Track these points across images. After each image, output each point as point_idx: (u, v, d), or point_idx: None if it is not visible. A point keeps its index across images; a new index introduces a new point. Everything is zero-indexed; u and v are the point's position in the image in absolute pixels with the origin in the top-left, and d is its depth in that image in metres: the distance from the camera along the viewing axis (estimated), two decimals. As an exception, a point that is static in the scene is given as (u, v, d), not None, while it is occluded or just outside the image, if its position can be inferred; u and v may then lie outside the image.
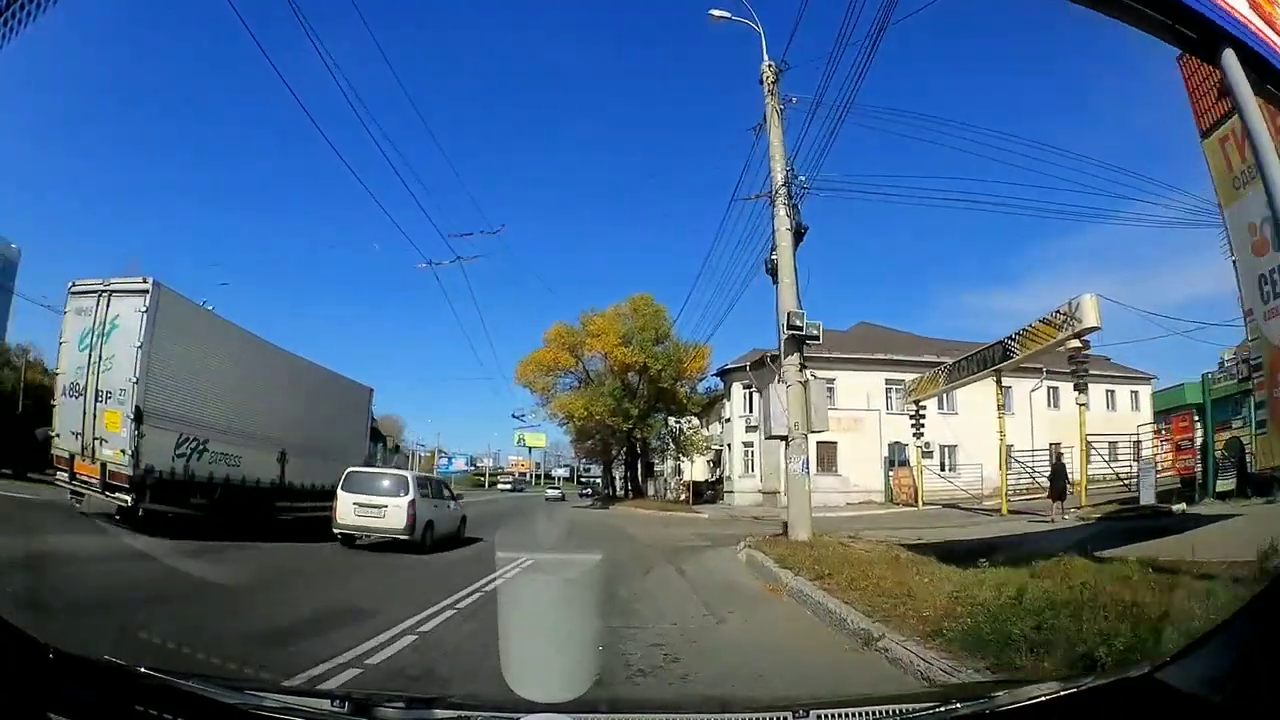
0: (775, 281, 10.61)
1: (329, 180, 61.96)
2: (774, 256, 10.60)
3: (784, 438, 10.34)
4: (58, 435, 8.86)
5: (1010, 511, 16.46)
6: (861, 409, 27.20)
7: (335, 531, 9.79)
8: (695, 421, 34.41)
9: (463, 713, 1.65)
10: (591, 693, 1.76)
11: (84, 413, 8.57)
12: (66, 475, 8.78)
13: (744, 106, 33.97)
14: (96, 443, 8.52)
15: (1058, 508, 14.57)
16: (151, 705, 1.26)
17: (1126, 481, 17.89)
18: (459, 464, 77.72)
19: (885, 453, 26.70)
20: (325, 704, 1.75)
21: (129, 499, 8.38)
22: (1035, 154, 25.96)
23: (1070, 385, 17.39)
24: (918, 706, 1.78)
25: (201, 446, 9.77)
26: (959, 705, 1.69)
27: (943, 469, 26.10)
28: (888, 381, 26.63)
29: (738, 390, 30.42)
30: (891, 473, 25.24)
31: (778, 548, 8.79)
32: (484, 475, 72.35)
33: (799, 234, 10.59)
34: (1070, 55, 51.12)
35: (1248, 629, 1.15)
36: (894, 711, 1.77)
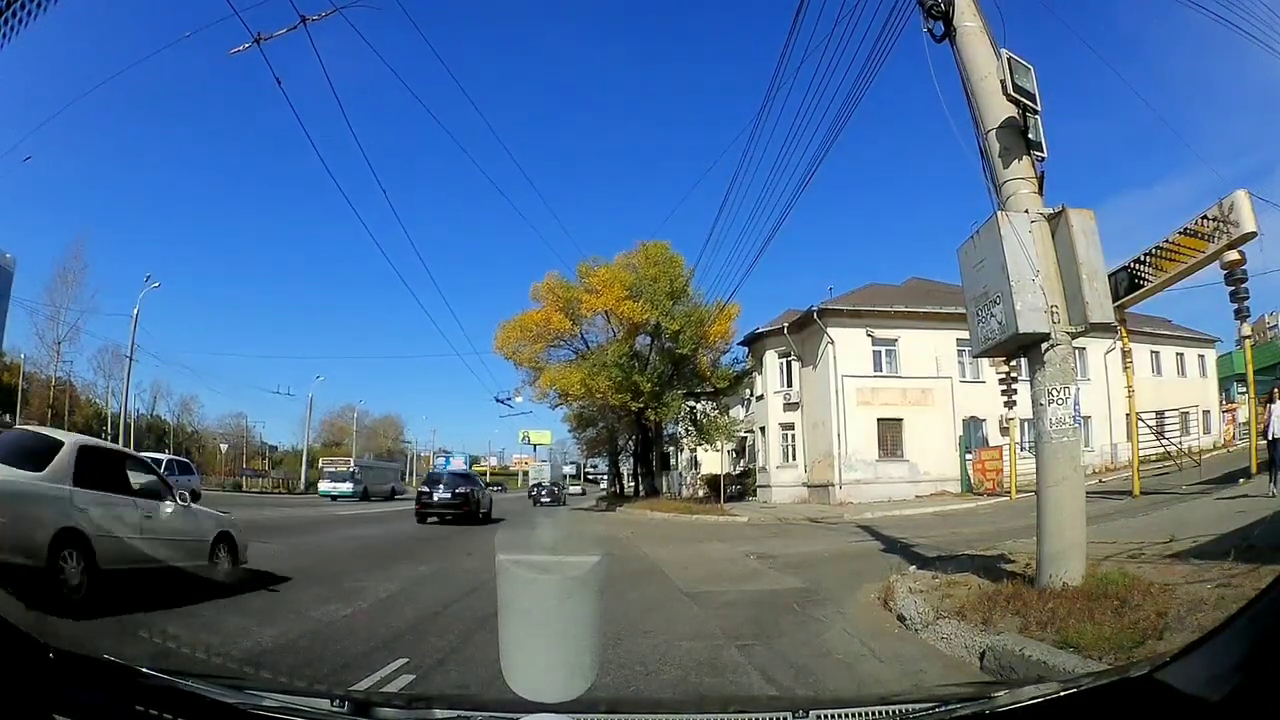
0: (947, 30, 6.66)
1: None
2: None
3: (1030, 345, 6.00)
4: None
5: (1142, 492, 14.89)
6: (930, 376, 24.44)
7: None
8: (716, 402, 31.27)
9: (462, 712, 1.93)
10: (591, 692, 1.82)
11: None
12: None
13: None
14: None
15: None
16: (152, 705, 1.43)
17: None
18: (457, 463, 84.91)
19: (960, 431, 23.88)
20: (325, 704, 1.92)
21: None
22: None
23: (1148, 348, 14.57)
24: (917, 706, 1.92)
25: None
26: (959, 705, 1.82)
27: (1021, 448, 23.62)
28: (959, 343, 23.57)
29: (771, 360, 27.99)
30: (970, 456, 22.59)
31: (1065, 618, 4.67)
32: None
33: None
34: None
35: (1248, 629, 1.23)
36: (894, 711, 1.94)
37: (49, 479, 5.64)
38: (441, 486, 19.80)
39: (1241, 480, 13.86)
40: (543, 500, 38.62)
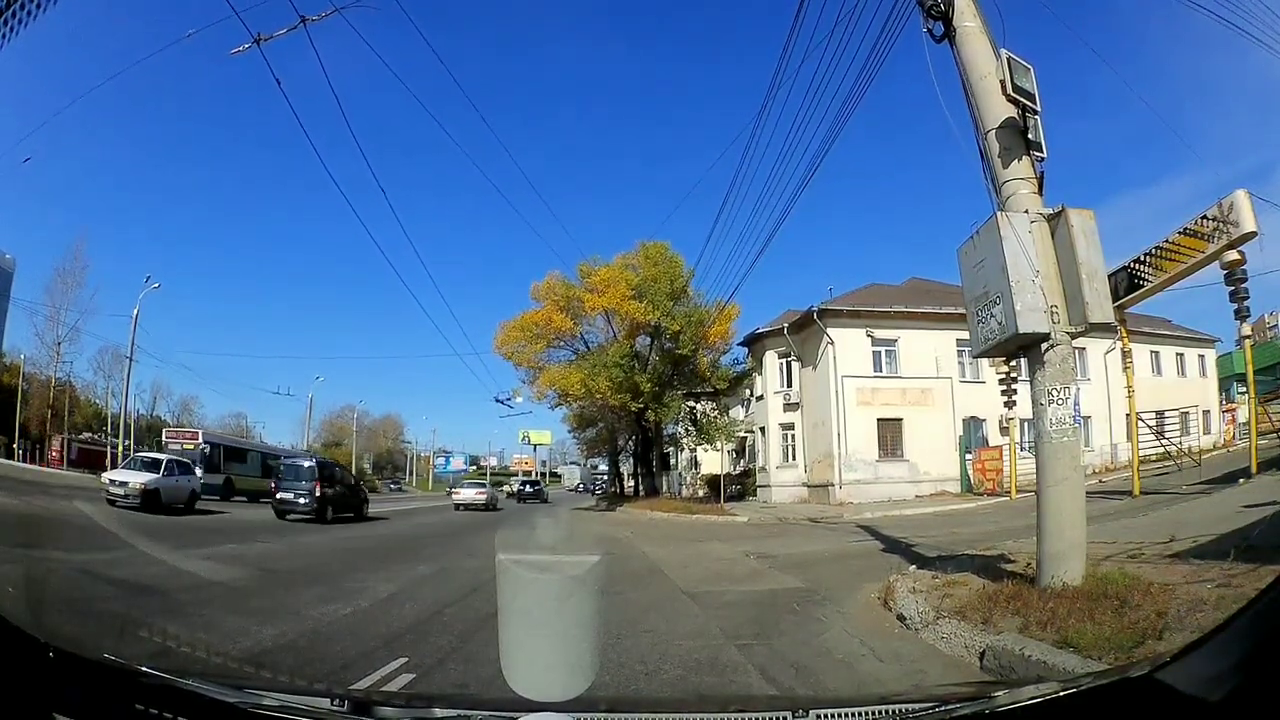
0: (947, 30, 6.62)
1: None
2: None
3: (1029, 345, 5.98)
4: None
5: (1142, 492, 14.76)
6: (930, 376, 24.47)
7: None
8: (715, 402, 31.24)
9: (462, 711, 1.89)
10: (591, 692, 1.85)
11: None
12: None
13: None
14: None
15: None
16: (152, 704, 1.44)
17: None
18: (457, 463, 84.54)
19: (960, 431, 23.86)
20: (325, 703, 1.93)
21: None
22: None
23: (1148, 348, 14.49)
24: (917, 706, 1.93)
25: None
26: (959, 705, 1.82)
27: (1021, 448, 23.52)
28: (959, 343, 23.60)
29: (771, 360, 28.02)
30: (970, 456, 22.56)
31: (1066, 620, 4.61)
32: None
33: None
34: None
35: (1248, 629, 1.23)
36: (894, 711, 1.95)
37: (490, 488, 35.01)
38: (528, 487, 43.81)
39: (1241, 480, 13.84)
40: (595, 492, 56.82)
